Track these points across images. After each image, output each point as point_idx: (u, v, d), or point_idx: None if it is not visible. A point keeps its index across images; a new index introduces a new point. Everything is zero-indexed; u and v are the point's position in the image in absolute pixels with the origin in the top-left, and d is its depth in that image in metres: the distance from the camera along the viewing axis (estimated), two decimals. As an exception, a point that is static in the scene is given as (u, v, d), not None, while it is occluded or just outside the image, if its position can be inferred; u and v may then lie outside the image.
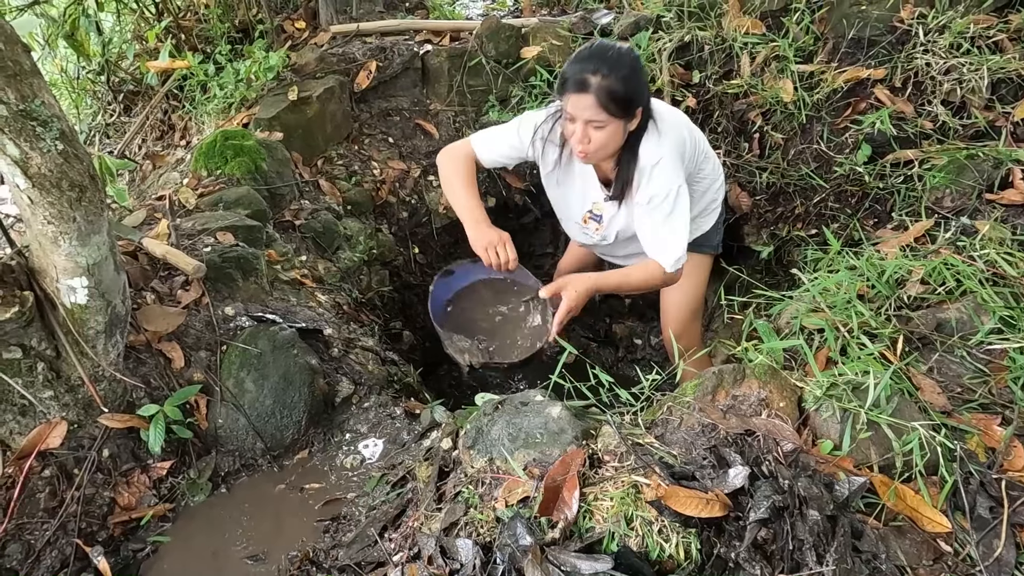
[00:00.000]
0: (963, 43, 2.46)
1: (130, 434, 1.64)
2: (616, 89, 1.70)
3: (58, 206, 1.31)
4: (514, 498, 1.31)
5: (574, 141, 1.82)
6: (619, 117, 1.75)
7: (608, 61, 1.70)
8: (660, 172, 1.85)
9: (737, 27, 2.87)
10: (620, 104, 1.72)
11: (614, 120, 1.75)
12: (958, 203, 2.18)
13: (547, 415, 1.43)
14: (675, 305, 2.31)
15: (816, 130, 2.72)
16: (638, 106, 1.78)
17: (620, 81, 1.70)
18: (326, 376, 1.87)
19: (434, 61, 3.19)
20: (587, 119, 1.75)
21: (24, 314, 1.38)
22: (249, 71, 2.93)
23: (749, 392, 1.44)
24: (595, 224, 2.16)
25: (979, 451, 1.39)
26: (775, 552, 1.15)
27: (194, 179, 2.41)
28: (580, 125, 1.77)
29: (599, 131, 1.77)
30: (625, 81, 1.71)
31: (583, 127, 1.77)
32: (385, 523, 1.53)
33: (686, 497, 1.16)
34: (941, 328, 1.69)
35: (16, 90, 1.21)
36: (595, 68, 1.69)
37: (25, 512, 1.49)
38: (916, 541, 1.26)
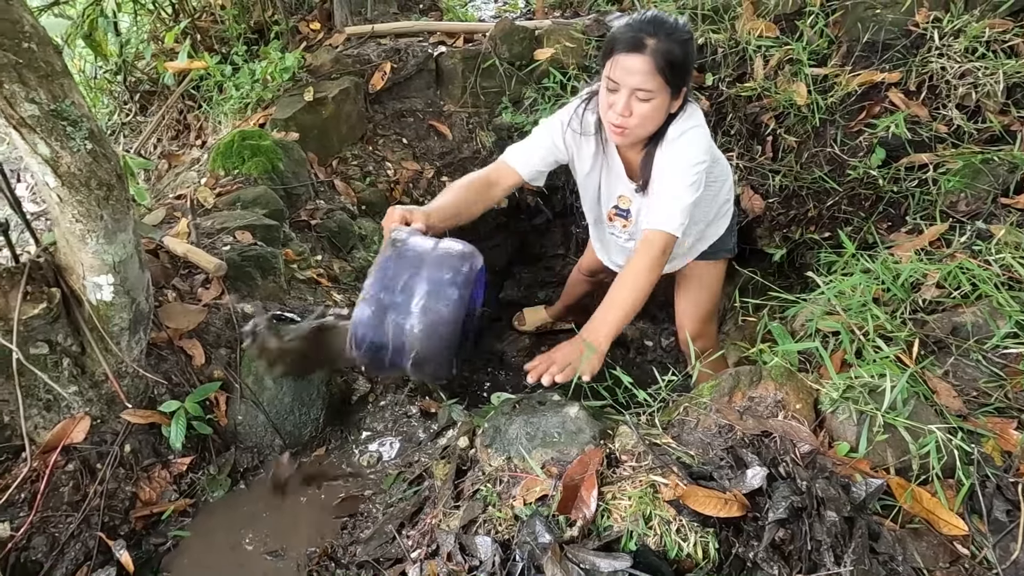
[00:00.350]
0: (978, 47, 2.46)
1: (151, 430, 1.66)
2: (675, 53, 1.54)
3: (86, 204, 1.33)
4: (532, 496, 1.32)
5: (613, 113, 1.63)
6: (669, 88, 1.59)
7: (667, 25, 1.56)
8: (687, 146, 1.70)
9: (751, 30, 2.88)
10: (676, 72, 1.57)
11: (664, 91, 1.59)
12: (973, 207, 2.18)
13: (565, 415, 1.44)
14: (691, 309, 2.30)
15: (830, 133, 2.72)
16: (685, 84, 1.64)
17: (680, 45, 1.55)
18: (343, 374, 1.89)
19: (448, 63, 3.21)
20: (635, 86, 1.57)
21: (51, 310, 1.41)
22: (265, 72, 2.96)
23: (765, 394, 1.45)
24: (622, 220, 2.02)
25: (995, 455, 1.40)
26: (793, 552, 1.16)
27: (212, 178, 2.44)
28: (624, 94, 1.59)
29: (644, 103, 1.60)
30: (683, 46, 1.56)
31: (627, 96, 1.59)
32: (403, 520, 1.54)
33: (705, 497, 1.17)
34: (957, 332, 1.69)
35: (48, 90, 1.23)
36: (653, 30, 1.54)
37: (49, 505, 1.51)
38: (933, 544, 1.27)
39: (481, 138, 3.26)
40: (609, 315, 1.64)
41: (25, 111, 1.21)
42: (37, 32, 1.21)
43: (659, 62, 1.54)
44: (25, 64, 1.19)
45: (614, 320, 1.63)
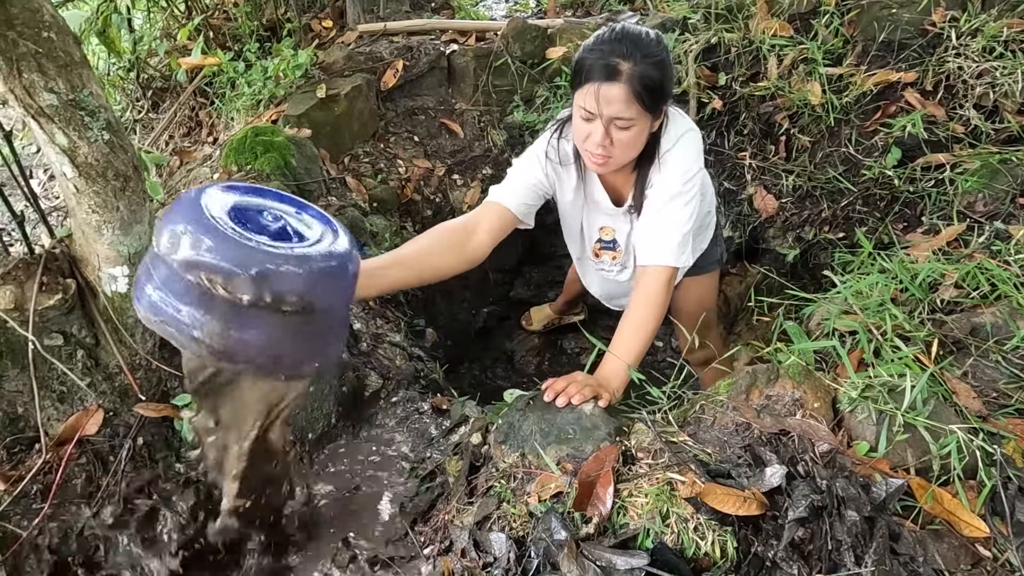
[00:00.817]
0: (996, 46, 2.44)
1: (164, 423, 1.65)
2: (653, 77, 1.43)
3: (103, 195, 1.33)
4: (547, 493, 1.31)
5: (591, 144, 1.53)
6: (649, 112, 1.49)
7: (641, 44, 1.43)
8: (683, 153, 1.60)
9: (765, 29, 2.86)
10: (655, 95, 1.46)
11: (644, 116, 1.49)
12: (991, 207, 2.16)
13: (580, 411, 1.43)
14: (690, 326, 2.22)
15: (844, 133, 2.70)
16: (667, 101, 1.54)
17: (657, 67, 1.44)
18: (356, 370, 1.88)
19: (460, 61, 3.21)
20: (613, 115, 1.46)
21: (67, 301, 1.41)
22: (277, 69, 2.96)
23: (783, 392, 1.43)
24: (610, 253, 1.92)
25: (1016, 456, 1.38)
26: (813, 552, 1.14)
27: (225, 174, 2.44)
28: (601, 124, 1.48)
29: (624, 131, 1.50)
30: (660, 67, 1.45)
31: (605, 126, 1.49)
32: (416, 516, 1.54)
33: (724, 495, 1.16)
34: (976, 332, 1.67)
35: (67, 80, 1.23)
36: (627, 52, 1.42)
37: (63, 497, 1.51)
38: (954, 545, 1.25)
39: (492, 136, 3.25)
40: (620, 366, 1.56)
41: (44, 101, 1.21)
42: (56, 22, 1.21)
43: (636, 88, 1.43)
44: (44, 53, 1.19)
45: (624, 369, 1.56)
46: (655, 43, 1.48)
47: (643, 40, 1.46)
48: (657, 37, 1.50)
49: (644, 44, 1.45)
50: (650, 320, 1.60)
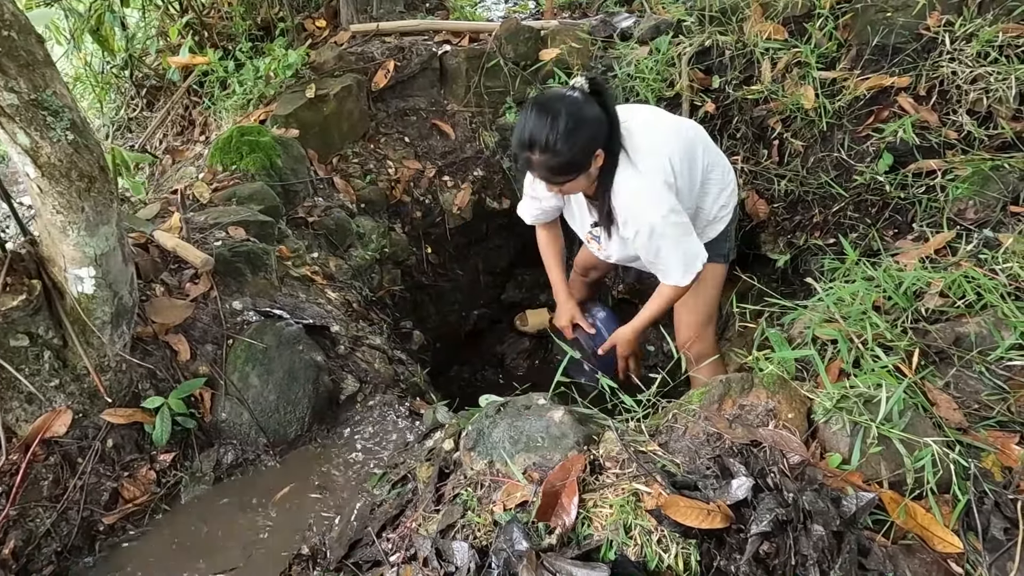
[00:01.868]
0: (991, 52, 2.40)
1: (134, 425, 1.64)
2: (555, 163, 1.72)
3: (67, 196, 1.32)
4: (512, 502, 1.29)
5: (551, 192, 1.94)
6: (573, 176, 1.77)
7: (540, 138, 1.68)
8: (639, 209, 1.85)
9: (759, 32, 2.83)
10: (565, 172, 1.75)
11: (569, 179, 1.78)
12: (982, 215, 2.12)
13: (549, 419, 1.41)
14: (687, 315, 2.27)
15: (837, 138, 2.67)
16: (591, 156, 1.76)
17: (557, 154, 1.69)
18: (331, 373, 1.87)
19: (452, 61, 3.19)
20: (547, 185, 1.84)
21: (32, 302, 1.40)
22: (268, 68, 2.95)
23: (757, 402, 1.41)
24: (595, 244, 2.21)
25: (995, 470, 1.35)
26: (777, 567, 1.12)
27: (209, 174, 2.43)
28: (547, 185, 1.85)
29: (565, 185, 1.82)
30: (563, 152, 1.70)
31: (549, 187, 1.85)
32: (384, 522, 1.51)
33: (687, 507, 1.14)
34: (959, 342, 1.64)
35: (28, 80, 1.22)
36: (530, 146, 1.71)
37: (29, 499, 1.50)
38: (926, 561, 1.22)
39: (484, 138, 3.23)
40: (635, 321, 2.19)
41: (4, 100, 1.20)
42: (18, 20, 1.20)
43: (546, 174, 1.77)
44: (5, 52, 1.18)
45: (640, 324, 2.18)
46: (557, 128, 1.68)
47: (543, 133, 1.69)
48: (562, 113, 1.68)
49: (545, 138, 1.69)
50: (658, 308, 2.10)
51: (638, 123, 1.90)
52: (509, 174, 3.26)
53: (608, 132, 1.79)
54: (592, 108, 1.75)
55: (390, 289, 2.77)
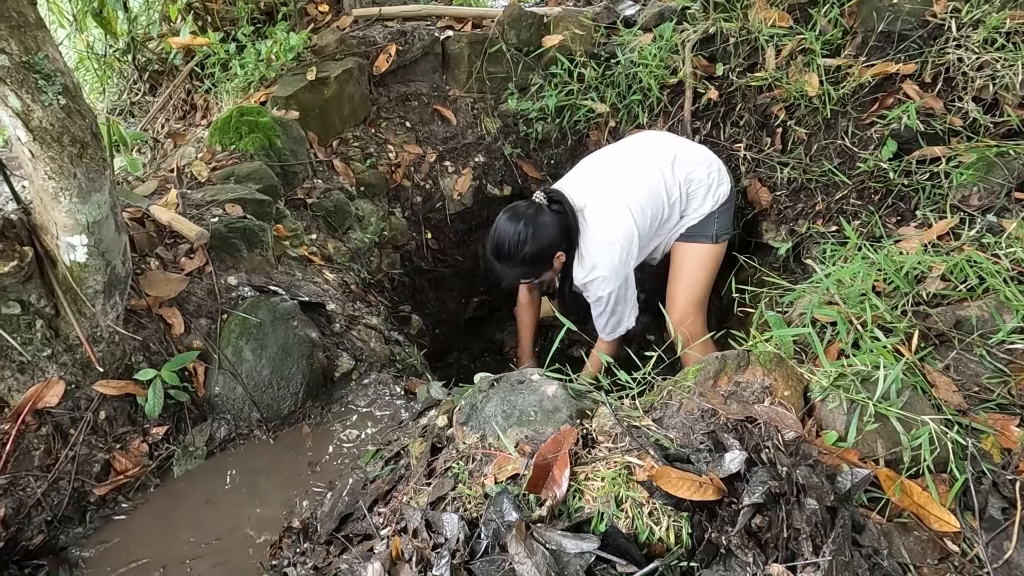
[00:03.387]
0: (998, 38, 2.37)
1: (127, 397, 1.63)
2: (522, 272, 2.12)
3: (59, 161, 1.31)
4: (504, 475, 1.28)
5: None
6: (534, 278, 2.22)
7: (504, 255, 2.06)
8: (593, 287, 2.20)
9: (764, 19, 2.80)
10: (530, 275, 2.17)
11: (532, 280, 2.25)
12: (985, 201, 2.10)
13: (542, 393, 1.40)
14: (678, 294, 2.31)
15: (841, 125, 2.64)
16: (551, 259, 2.13)
17: (523, 264, 2.06)
18: (326, 350, 1.86)
19: (454, 47, 3.17)
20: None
21: (23, 269, 1.39)
22: (270, 51, 2.94)
23: (752, 379, 1.39)
24: None
25: (994, 451, 1.33)
26: (769, 540, 1.10)
27: (208, 153, 2.42)
28: None
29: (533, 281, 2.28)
30: (527, 262, 2.07)
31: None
32: (376, 497, 1.50)
33: (678, 479, 1.12)
34: (960, 326, 1.62)
35: (19, 41, 1.21)
36: (498, 261, 2.09)
37: (20, 468, 1.49)
38: (921, 539, 1.20)
39: (486, 124, 3.22)
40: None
41: (-5, 61, 1.19)
42: (9, -20, 1.19)
43: (513, 280, 2.20)
44: (-5, 13, 1.17)
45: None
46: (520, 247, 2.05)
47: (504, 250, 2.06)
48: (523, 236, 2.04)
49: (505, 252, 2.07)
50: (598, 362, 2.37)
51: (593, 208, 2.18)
52: (510, 160, 3.24)
53: (566, 234, 2.12)
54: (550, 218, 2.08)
55: (389, 273, 2.76)
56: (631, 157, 2.30)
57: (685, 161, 2.28)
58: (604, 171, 2.30)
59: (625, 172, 2.24)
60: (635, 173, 2.22)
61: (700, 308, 2.34)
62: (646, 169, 2.22)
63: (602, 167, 2.32)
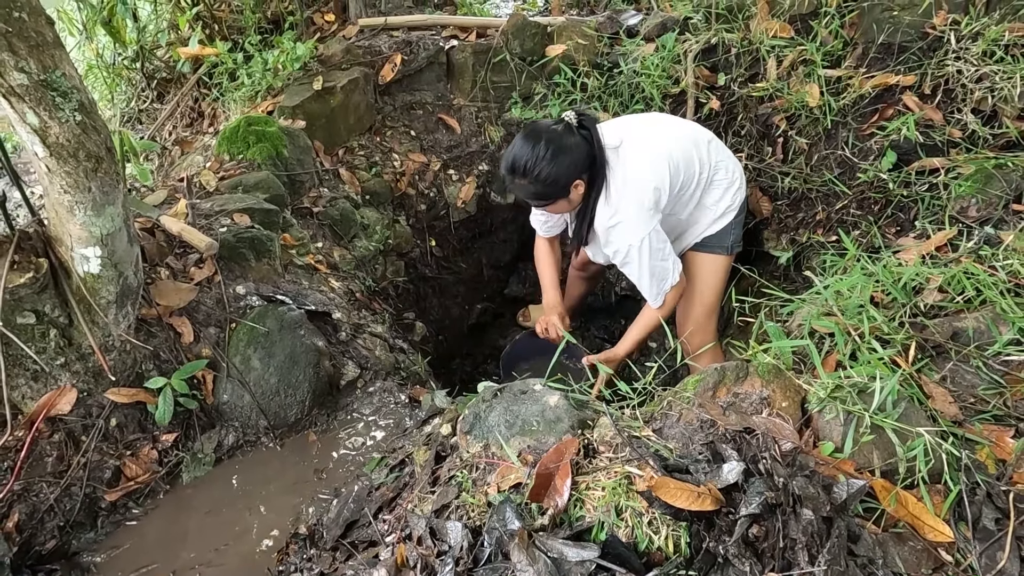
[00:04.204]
0: (997, 51, 2.40)
1: (138, 405, 1.67)
2: (535, 191, 1.91)
3: (74, 175, 1.34)
4: (507, 483, 1.31)
5: None
6: (550, 201, 1.97)
7: (520, 168, 1.87)
8: (617, 234, 2.01)
9: (765, 30, 2.83)
10: (545, 197, 1.95)
11: (547, 204, 1.99)
12: (984, 213, 2.12)
13: (544, 403, 1.43)
14: (689, 304, 2.30)
15: (841, 136, 2.67)
16: (570, 185, 1.93)
17: (536, 183, 1.88)
18: (332, 358, 1.89)
19: (459, 56, 3.21)
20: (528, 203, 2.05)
21: (38, 280, 1.42)
22: (277, 61, 2.98)
23: (751, 390, 1.41)
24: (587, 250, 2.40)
25: (989, 462, 1.35)
26: (766, 550, 1.13)
27: (216, 162, 2.46)
28: None
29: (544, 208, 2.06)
30: (541, 181, 1.88)
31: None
32: (381, 504, 1.53)
33: (676, 489, 1.15)
34: (957, 337, 1.64)
35: (38, 60, 1.24)
36: (512, 175, 1.91)
37: (34, 474, 1.53)
38: (916, 549, 1.22)
39: (490, 132, 3.25)
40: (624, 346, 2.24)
41: (14, 80, 1.22)
42: (29, 2, 1.23)
43: (526, 197, 1.98)
44: (15, 33, 1.20)
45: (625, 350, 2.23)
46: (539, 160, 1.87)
47: (519, 166, 1.89)
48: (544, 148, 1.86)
49: (524, 168, 1.88)
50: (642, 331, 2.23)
51: (629, 146, 2.04)
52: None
53: (590, 163, 1.94)
54: (575, 141, 1.91)
55: (393, 280, 2.79)
56: (672, 122, 2.26)
57: (719, 149, 2.26)
58: (645, 123, 2.23)
59: (667, 130, 2.18)
60: (677, 135, 2.16)
61: (713, 317, 2.37)
62: (686, 137, 2.17)
63: (642, 120, 2.27)
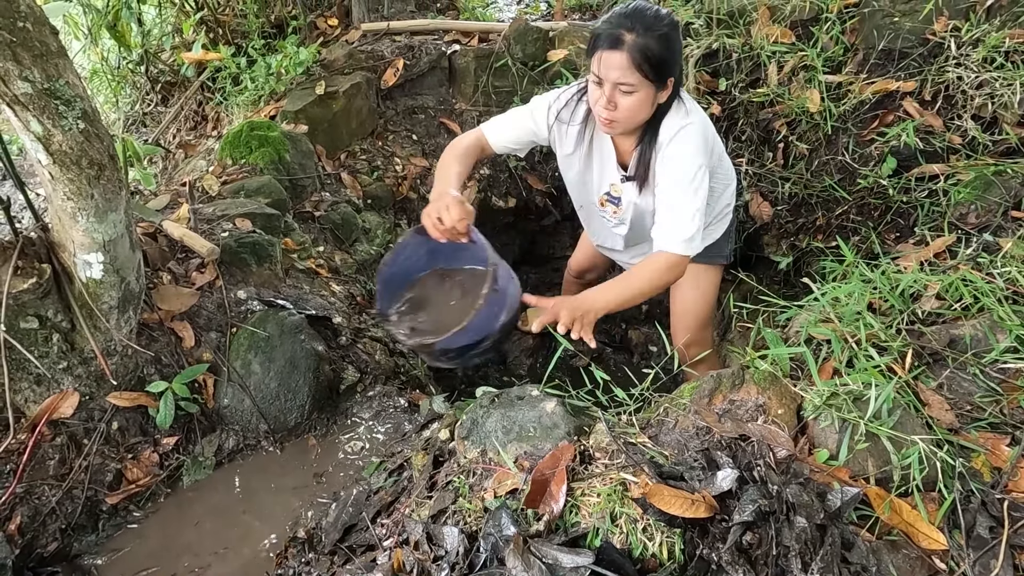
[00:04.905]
0: (997, 57, 2.40)
1: (139, 408, 1.68)
2: (652, 48, 1.56)
3: (77, 183, 1.36)
4: (503, 489, 1.32)
5: (599, 107, 1.68)
6: (651, 81, 1.62)
7: (645, 19, 1.57)
8: (682, 148, 1.72)
9: (766, 36, 2.84)
10: (654, 66, 1.59)
11: (645, 84, 1.62)
12: (983, 219, 2.13)
13: (541, 409, 1.44)
14: (685, 315, 2.28)
15: (841, 141, 2.67)
16: (671, 74, 1.66)
17: (657, 40, 1.57)
18: (332, 363, 1.90)
19: (461, 61, 3.23)
20: (616, 80, 1.61)
21: (41, 285, 1.44)
22: (280, 65, 3.00)
23: (747, 398, 1.42)
24: (612, 207, 2.06)
25: (984, 470, 1.36)
26: (760, 557, 1.13)
27: (219, 167, 2.48)
28: (608, 88, 1.63)
29: (627, 96, 1.64)
30: (662, 41, 1.58)
31: (611, 90, 1.63)
32: (379, 508, 1.54)
33: (671, 496, 1.16)
34: (954, 344, 1.65)
35: (42, 69, 1.26)
36: (631, 24, 1.57)
37: (36, 477, 1.54)
38: (910, 557, 1.23)
39: (491, 137, 3.26)
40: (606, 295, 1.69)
41: (18, 89, 1.24)
42: (33, 12, 1.24)
43: (636, 58, 1.57)
44: (19, 43, 1.22)
45: (607, 301, 1.67)
46: (661, 19, 1.60)
47: (648, 15, 1.59)
48: (667, 16, 1.61)
49: (648, 19, 1.58)
50: (641, 283, 1.72)
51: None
52: (515, 173, 3.28)
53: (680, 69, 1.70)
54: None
55: (395, 284, 2.80)
56: None
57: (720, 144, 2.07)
58: None
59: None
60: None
61: (710, 326, 2.36)
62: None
63: None
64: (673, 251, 1.71)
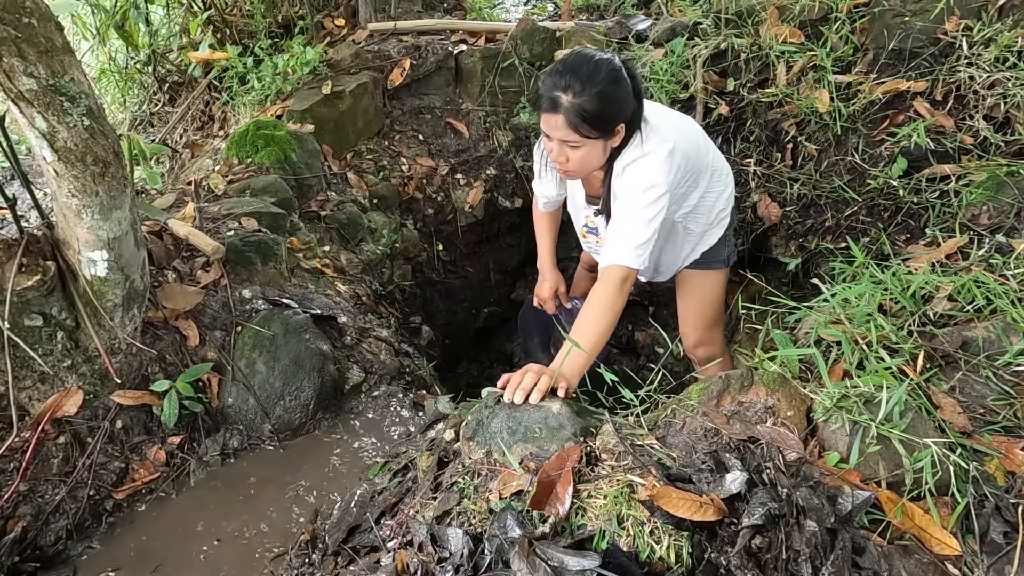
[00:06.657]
0: (1009, 57, 2.37)
1: (143, 407, 1.68)
2: (588, 109, 1.57)
3: (82, 180, 1.35)
4: (508, 491, 1.30)
5: (552, 158, 1.73)
6: (595, 137, 1.63)
7: (581, 76, 1.56)
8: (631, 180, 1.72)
9: (775, 35, 2.82)
10: (593, 125, 1.60)
11: (590, 140, 1.63)
12: (995, 221, 2.10)
13: (547, 410, 1.42)
14: (691, 317, 2.28)
15: (851, 142, 2.65)
16: (618, 123, 1.65)
17: (593, 99, 1.56)
18: (337, 363, 1.89)
19: (467, 61, 3.22)
20: (561, 139, 1.64)
21: (46, 283, 1.43)
22: (287, 65, 3.00)
23: (756, 399, 1.40)
24: (593, 237, 2.10)
25: (998, 474, 1.33)
26: (769, 561, 1.12)
27: (225, 166, 2.47)
28: (556, 144, 1.67)
29: (576, 150, 1.66)
30: (599, 99, 1.57)
31: (558, 146, 1.67)
32: (383, 509, 1.53)
33: (679, 498, 1.14)
34: (967, 347, 1.62)
35: (47, 66, 1.26)
36: (566, 84, 1.56)
37: (39, 475, 1.54)
38: (922, 562, 1.21)
39: (498, 137, 3.25)
40: (576, 356, 1.59)
41: (23, 85, 1.24)
42: (38, 8, 1.24)
43: (574, 120, 1.58)
44: (24, 39, 1.22)
45: (580, 365, 1.60)
46: (598, 72, 1.57)
47: (583, 72, 1.57)
48: (606, 65, 1.59)
49: (584, 76, 1.56)
50: (604, 316, 1.66)
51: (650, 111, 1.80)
52: (522, 173, 3.27)
53: (635, 108, 1.68)
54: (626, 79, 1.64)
55: (400, 284, 2.80)
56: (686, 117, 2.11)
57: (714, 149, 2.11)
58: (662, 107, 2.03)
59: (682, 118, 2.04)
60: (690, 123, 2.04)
61: (718, 329, 2.34)
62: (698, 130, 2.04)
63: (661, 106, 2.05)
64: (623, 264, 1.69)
